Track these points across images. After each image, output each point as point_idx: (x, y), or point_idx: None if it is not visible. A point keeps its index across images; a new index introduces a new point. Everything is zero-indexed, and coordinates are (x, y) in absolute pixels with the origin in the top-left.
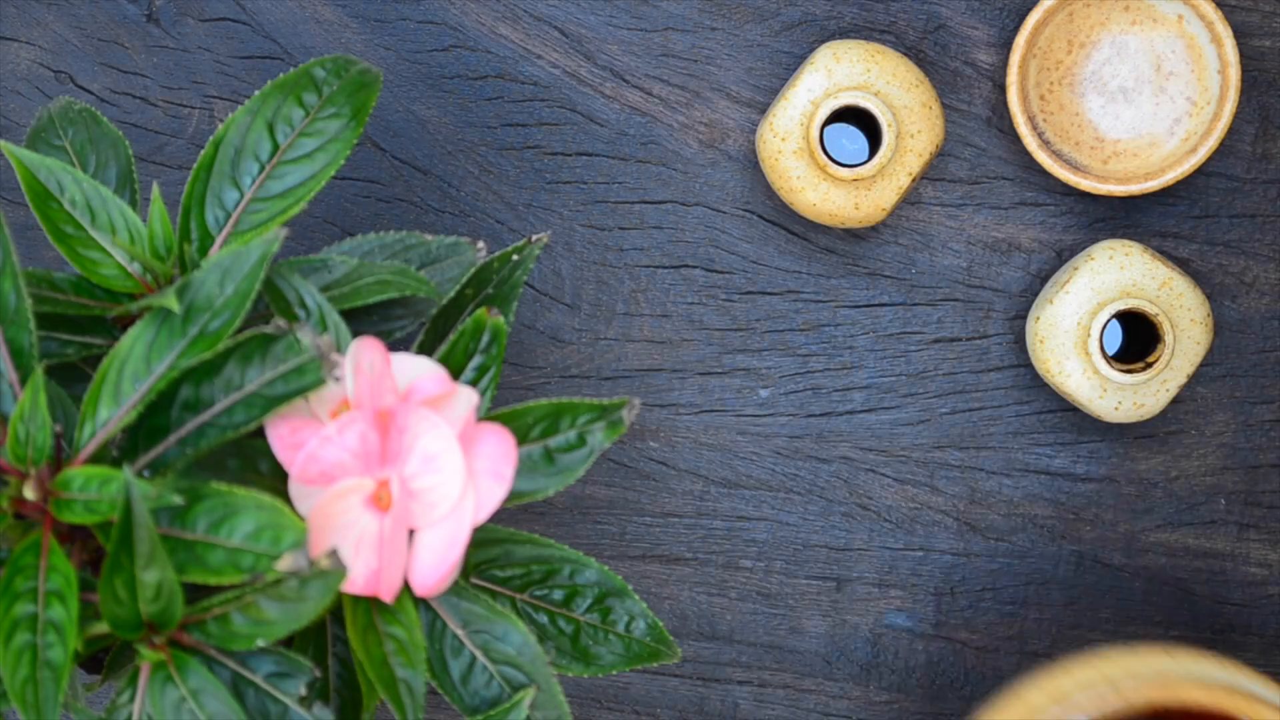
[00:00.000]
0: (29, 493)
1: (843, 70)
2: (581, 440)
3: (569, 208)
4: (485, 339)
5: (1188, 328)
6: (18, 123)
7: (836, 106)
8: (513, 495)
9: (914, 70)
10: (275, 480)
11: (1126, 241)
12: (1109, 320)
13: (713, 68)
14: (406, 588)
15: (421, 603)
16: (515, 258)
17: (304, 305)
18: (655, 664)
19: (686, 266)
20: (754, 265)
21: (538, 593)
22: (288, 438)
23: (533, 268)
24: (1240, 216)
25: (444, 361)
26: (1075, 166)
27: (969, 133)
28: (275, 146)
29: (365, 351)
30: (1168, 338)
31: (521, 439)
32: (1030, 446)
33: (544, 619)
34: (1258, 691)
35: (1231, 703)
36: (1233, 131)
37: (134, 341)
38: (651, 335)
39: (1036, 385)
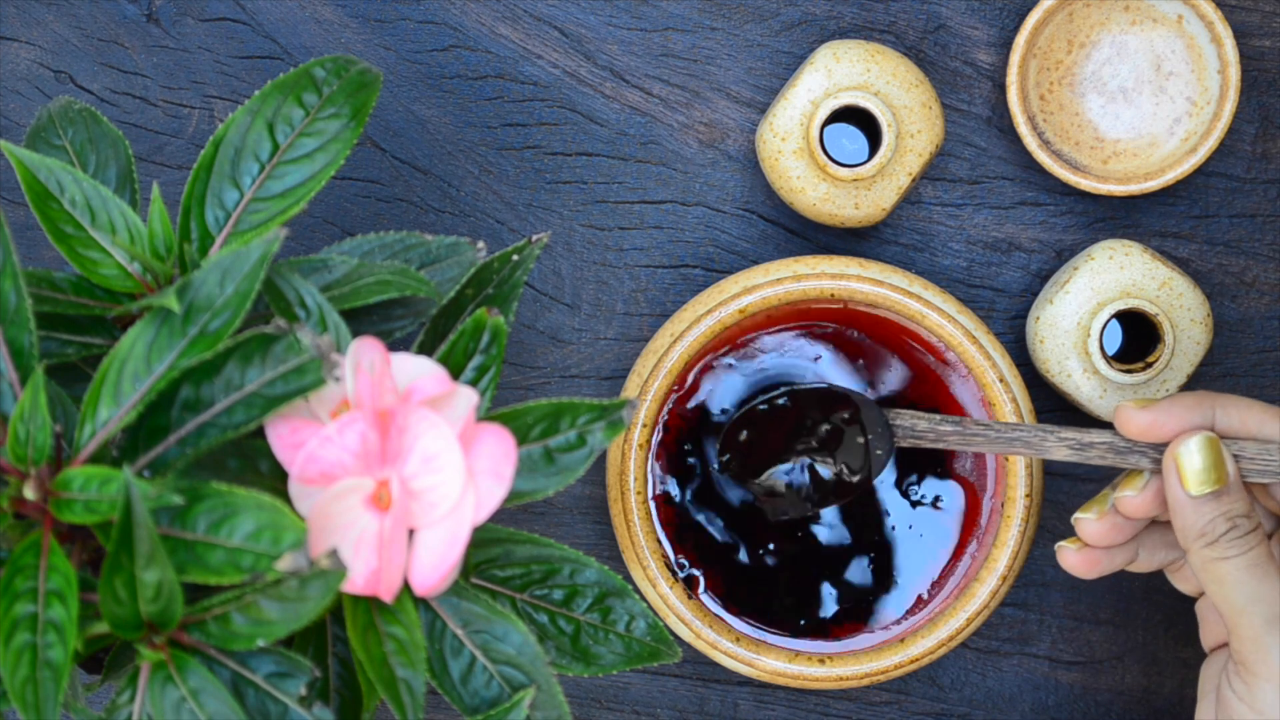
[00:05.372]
0: (29, 493)
1: (843, 70)
2: (581, 440)
3: (569, 208)
4: (485, 339)
5: (1188, 328)
6: (18, 123)
7: (836, 106)
8: (513, 495)
9: (914, 70)
10: (275, 480)
11: (1126, 241)
12: (1109, 320)
13: (713, 68)
14: (406, 588)
15: (421, 603)
16: (515, 258)
17: (304, 305)
18: (655, 664)
19: (686, 266)
20: (754, 265)
21: (538, 593)
22: (288, 438)
23: (533, 268)
24: (1240, 216)
25: (444, 361)
26: (1075, 166)
27: (969, 133)
28: (275, 146)
29: (365, 351)
30: (1168, 338)
31: (521, 439)
32: None
33: (544, 619)
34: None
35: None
36: (1233, 131)
37: (134, 341)
38: (651, 335)
39: (1036, 385)
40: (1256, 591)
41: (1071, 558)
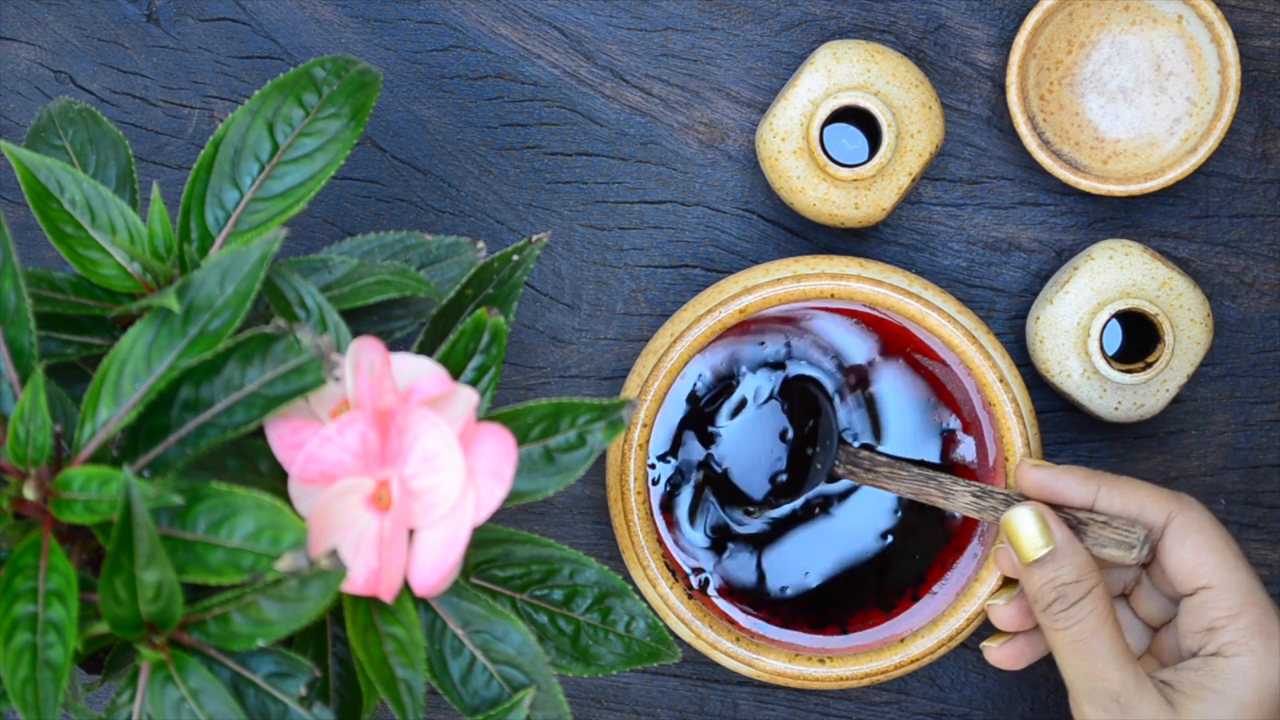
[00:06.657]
0: (29, 493)
1: (843, 70)
2: (581, 440)
3: (569, 208)
4: (485, 339)
5: (1188, 328)
6: (18, 123)
7: (836, 106)
8: (513, 495)
9: (914, 70)
10: (275, 480)
11: (1126, 241)
12: (1109, 320)
13: (713, 68)
14: (406, 588)
15: (421, 603)
16: (515, 258)
17: (304, 305)
18: (655, 664)
19: (686, 266)
20: (754, 265)
21: (538, 593)
22: (288, 438)
23: (533, 268)
24: (1240, 216)
25: (444, 361)
26: (1075, 166)
27: (969, 133)
28: (275, 146)
29: (365, 351)
30: (1168, 338)
31: (521, 439)
32: None
33: (544, 619)
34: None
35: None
36: (1233, 131)
37: (134, 341)
38: (651, 335)
39: (1036, 385)
40: (1079, 668)
41: (996, 654)
